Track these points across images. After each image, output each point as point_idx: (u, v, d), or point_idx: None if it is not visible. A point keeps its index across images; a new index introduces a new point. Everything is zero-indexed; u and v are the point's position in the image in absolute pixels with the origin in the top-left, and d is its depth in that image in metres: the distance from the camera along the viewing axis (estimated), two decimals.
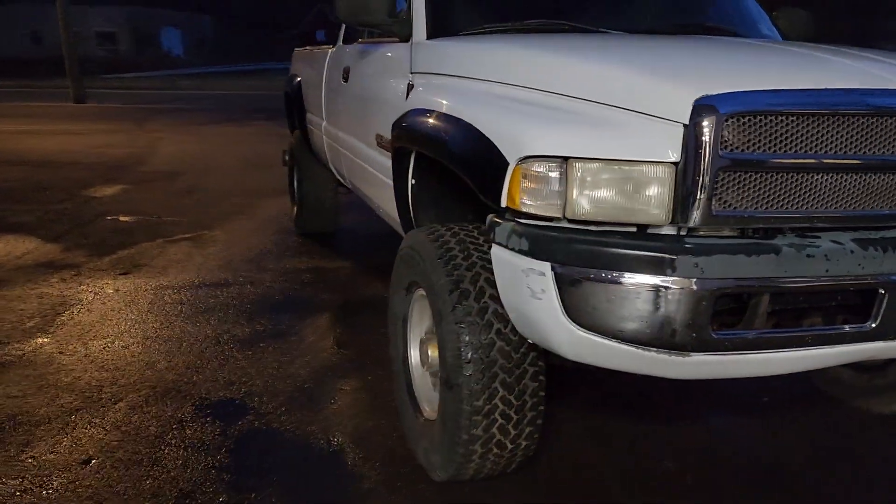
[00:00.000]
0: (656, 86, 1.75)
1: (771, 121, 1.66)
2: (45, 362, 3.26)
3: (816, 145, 1.69)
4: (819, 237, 1.73)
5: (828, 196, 1.73)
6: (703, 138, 1.62)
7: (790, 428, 2.80)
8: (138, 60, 41.09)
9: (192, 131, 13.33)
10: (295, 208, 5.72)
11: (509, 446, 2.15)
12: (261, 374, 3.18)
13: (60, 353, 3.36)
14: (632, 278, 1.66)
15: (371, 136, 3.05)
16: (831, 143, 1.70)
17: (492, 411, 2.07)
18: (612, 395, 3.02)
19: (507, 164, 1.83)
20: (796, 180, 1.70)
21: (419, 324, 2.56)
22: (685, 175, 1.65)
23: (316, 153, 5.07)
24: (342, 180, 4.38)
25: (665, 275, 1.63)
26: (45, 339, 3.52)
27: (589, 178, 1.71)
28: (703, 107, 1.63)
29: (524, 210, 1.81)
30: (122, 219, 6.17)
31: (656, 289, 1.64)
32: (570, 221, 1.77)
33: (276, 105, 19.17)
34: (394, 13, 2.89)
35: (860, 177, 1.74)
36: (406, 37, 2.88)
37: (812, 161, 1.69)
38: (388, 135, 2.78)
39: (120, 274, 4.58)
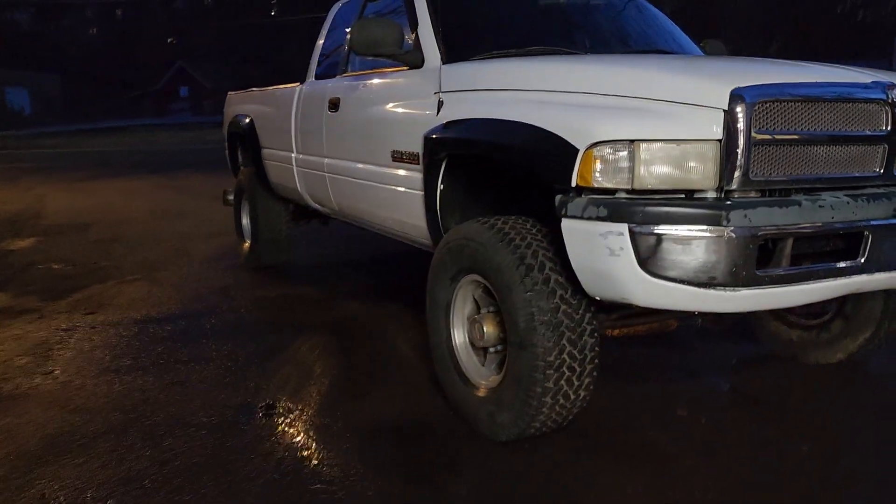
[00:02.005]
0: (700, 82, 2.24)
1: (784, 106, 2.18)
2: (60, 390, 3.28)
3: (815, 124, 2.23)
4: (820, 194, 2.26)
5: (823, 163, 2.27)
6: (739, 119, 2.11)
7: (762, 379, 3.36)
8: None
9: (76, 187, 12.81)
10: (246, 244, 5.84)
11: (572, 397, 2.50)
12: (287, 381, 3.36)
13: (72, 382, 3.38)
14: (696, 230, 2.10)
15: (384, 153, 3.37)
16: (824, 122, 2.24)
17: (561, 365, 2.43)
18: (620, 364, 3.44)
19: (576, 150, 2.24)
20: (803, 151, 2.23)
21: (462, 309, 2.90)
22: (728, 149, 2.13)
23: (273, 187, 5.27)
24: (318, 207, 4.61)
25: (722, 225, 2.09)
26: (51, 371, 3.51)
27: (651, 156, 2.16)
28: (737, 95, 2.12)
29: (597, 186, 2.22)
30: (55, 266, 6.02)
31: (716, 236, 2.10)
32: (634, 192, 2.20)
33: (155, 160, 19.08)
34: (402, 45, 3.27)
35: (842, 148, 2.29)
36: (417, 64, 3.26)
37: (812, 136, 2.23)
38: (412, 149, 3.12)
39: (87, 313, 4.54)
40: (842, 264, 2.30)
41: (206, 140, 29.85)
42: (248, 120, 5.55)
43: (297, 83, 4.75)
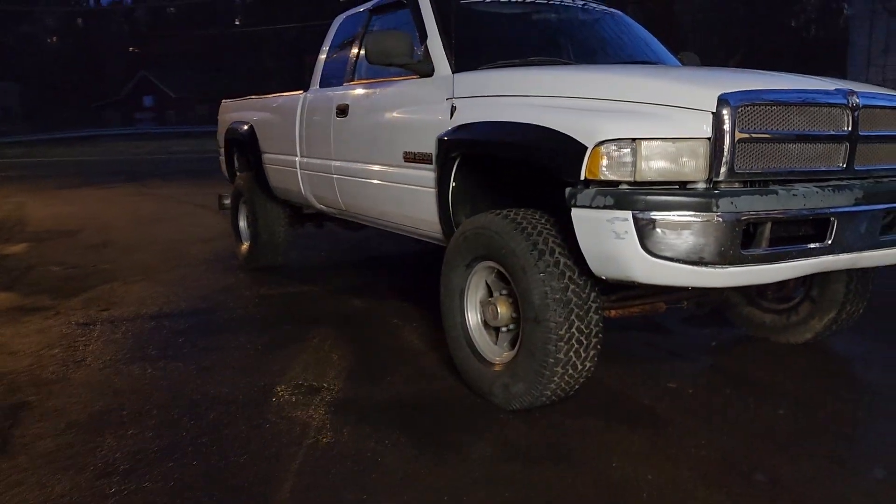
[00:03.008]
0: (692, 89, 2.59)
1: (763, 109, 2.54)
2: (97, 375, 3.49)
3: (788, 125, 2.59)
4: (794, 185, 2.62)
5: (795, 158, 2.63)
6: (725, 120, 2.46)
7: (740, 357, 3.73)
8: None
9: (54, 195, 12.85)
10: (245, 246, 6.07)
11: (579, 367, 2.83)
12: (308, 366, 3.62)
13: (106, 368, 3.60)
14: (690, 215, 2.45)
15: (396, 154, 3.67)
16: (795, 123, 2.61)
17: (570, 338, 2.76)
18: (615, 347, 3.78)
19: (585, 148, 2.57)
20: (778, 148, 2.59)
21: (475, 293, 3.21)
22: (716, 145, 2.48)
23: (273, 190, 5.53)
24: (323, 208, 4.88)
25: (712, 211, 2.44)
26: (83, 360, 3.72)
27: (651, 152, 2.50)
28: (723, 100, 2.47)
29: (603, 179, 2.55)
30: (54, 269, 6.18)
31: (707, 221, 2.44)
32: (636, 184, 2.54)
33: (125, 169, 19.13)
34: (413, 55, 3.58)
35: (811, 145, 2.66)
36: (428, 73, 3.57)
37: (786, 135, 2.59)
38: (424, 149, 3.43)
39: (102, 310, 4.74)
40: (812, 246, 2.67)
41: (172, 150, 29.83)
42: (246, 127, 5.80)
43: (301, 91, 5.02)
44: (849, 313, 3.65)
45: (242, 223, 6.17)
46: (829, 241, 2.67)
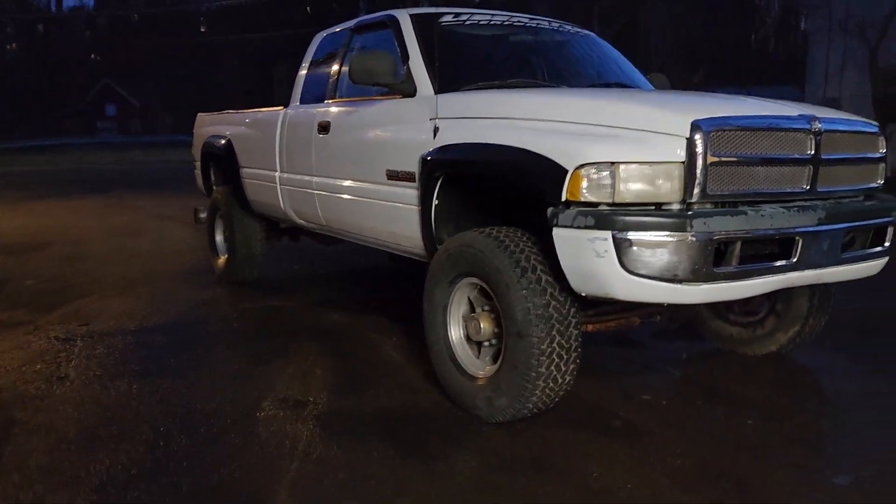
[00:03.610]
0: (666, 114, 2.74)
1: (732, 134, 2.69)
2: (83, 391, 3.52)
3: (756, 149, 2.75)
4: (762, 206, 2.78)
5: (763, 180, 2.79)
6: (698, 144, 2.61)
7: (709, 369, 3.89)
8: None
9: (20, 207, 12.64)
10: (221, 259, 6.09)
11: (560, 381, 2.94)
12: (293, 380, 3.68)
13: (91, 384, 3.62)
14: (666, 235, 2.59)
15: (379, 172, 3.76)
16: (762, 147, 2.77)
17: (552, 353, 2.87)
18: (590, 361, 3.91)
19: (566, 171, 2.70)
20: (747, 171, 2.75)
21: (458, 309, 3.31)
22: (689, 169, 2.62)
23: (251, 205, 5.57)
24: (303, 223, 4.94)
25: (686, 231, 2.58)
26: (67, 376, 3.73)
27: (628, 175, 2.63)
28: (696, 126, 2.62)
29: (583, 200, 2.68)
30: (28, 283, 6.13)
31: (682, 240, 2.58)
32: (614, 205, 2.67)
33: (90, 179, 18.92)
34: (396, 75, 3.69)
35: (777, 168, 2.83)
36: (410, 93, 3.68)
37: (754, 158, 2.75)
38: (407, 168, 3.53)
39: (81, 325, 4.73)
40: (779, 263, 2.83)
41: (137, 160, 29.50)
42: (224, 141, 5.84)
43: (281, 107, 5.09)
44: (811, 327, 3.83)
45: (219, 237, 6.19)
46: (795, 259, 2.83)
